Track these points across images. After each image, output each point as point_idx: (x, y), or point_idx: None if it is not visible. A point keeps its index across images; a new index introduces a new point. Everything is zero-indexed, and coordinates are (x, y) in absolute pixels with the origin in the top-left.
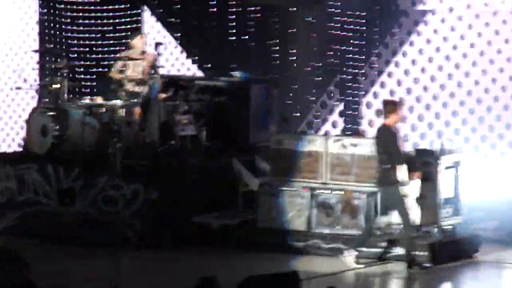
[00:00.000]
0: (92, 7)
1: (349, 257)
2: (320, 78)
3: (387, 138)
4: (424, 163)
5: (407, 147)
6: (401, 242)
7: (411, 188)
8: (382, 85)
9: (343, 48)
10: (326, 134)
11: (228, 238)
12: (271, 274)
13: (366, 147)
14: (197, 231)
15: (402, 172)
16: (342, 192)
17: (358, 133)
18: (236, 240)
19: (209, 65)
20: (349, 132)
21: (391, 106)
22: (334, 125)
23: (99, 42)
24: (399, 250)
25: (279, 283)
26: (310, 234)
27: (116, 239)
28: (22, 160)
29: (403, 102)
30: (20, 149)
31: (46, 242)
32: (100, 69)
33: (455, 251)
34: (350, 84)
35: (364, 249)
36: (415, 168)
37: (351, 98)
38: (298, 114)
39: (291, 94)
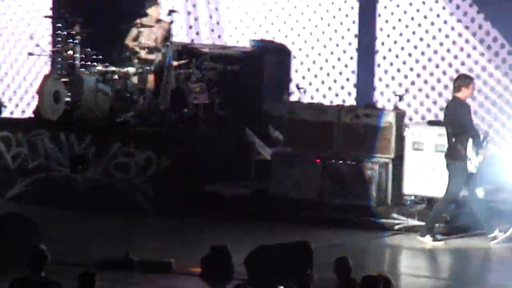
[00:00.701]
0: None
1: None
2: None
3: (459, 112)
4: (438, 135)
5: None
6: (430, 213)
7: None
8: (397, 56)
9: None
10: (340, 104)
11: (240, 207)
12: (282, 244)
13: (379, 117)
14: (209, 199)
15: (469, 146)
16: (355, 163)
17: (371, 104)
18: (248, 209)
19: None
20: (365, 102)
21: (465, 80)
22: (348, 94)
23: (113, 8)
24: (409, 221)
25: (290, 252)
26: (323, 204)
27: (129, 206)
28: (34, 126)
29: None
30: (33, 115)
31: (57, 209)
32: (114, 36)
33: (467, 224)
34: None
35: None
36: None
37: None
38: (312, 84)
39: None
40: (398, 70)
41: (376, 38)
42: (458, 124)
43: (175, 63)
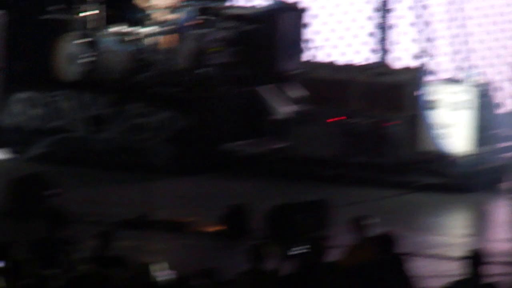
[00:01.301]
0: None
1: None
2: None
3: None
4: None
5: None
6: None
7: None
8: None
9: None
10: (356, 62)
11: (256, 166)
12: (300, 202)
13: (396, 75)
14: (226, 159)
15: None
16: (371, 121)
17: (387, 63)
18: (264, 168)
19: None
20: (380, 61)
21: None
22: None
23: None
24: (425, 179)
25: (308, 211)
26: (339, 162)
27: (146, 166)
28: (53, 87)
29: None
30: (52, 76)
31: (76, 169)
32: None
33: (490, 178)
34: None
35: None
36: None
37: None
38: (328, 42)
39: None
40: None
41: None
42: None
43: (193, 22)
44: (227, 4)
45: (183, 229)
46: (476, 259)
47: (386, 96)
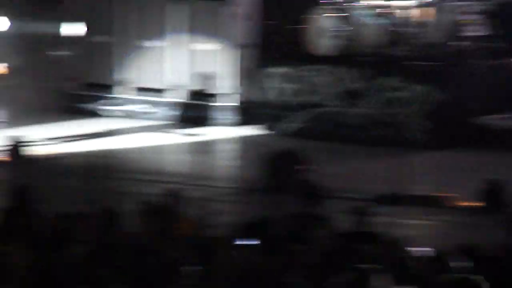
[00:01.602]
0: None
1: None
2: None
3: None
4: None
5: None
6: None
7: None
8: None
9: None
10: None
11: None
12: None
13: None
14: (480, 132)
15: None
16: None
17: None
18: None
19: None
20: None
21: None
22: None
23: None
24: None
25: None
26: None
27: (402, 140)
28: (310, 62)
29: None
30: (306, 51)
31: (333, 144)
32: None
33: None
34: None
35: None
36: None
37: None
38: None
39: None
40: None
41: None
42: None
43: None
44: None
45: (438, 204)
46: None
47: None
